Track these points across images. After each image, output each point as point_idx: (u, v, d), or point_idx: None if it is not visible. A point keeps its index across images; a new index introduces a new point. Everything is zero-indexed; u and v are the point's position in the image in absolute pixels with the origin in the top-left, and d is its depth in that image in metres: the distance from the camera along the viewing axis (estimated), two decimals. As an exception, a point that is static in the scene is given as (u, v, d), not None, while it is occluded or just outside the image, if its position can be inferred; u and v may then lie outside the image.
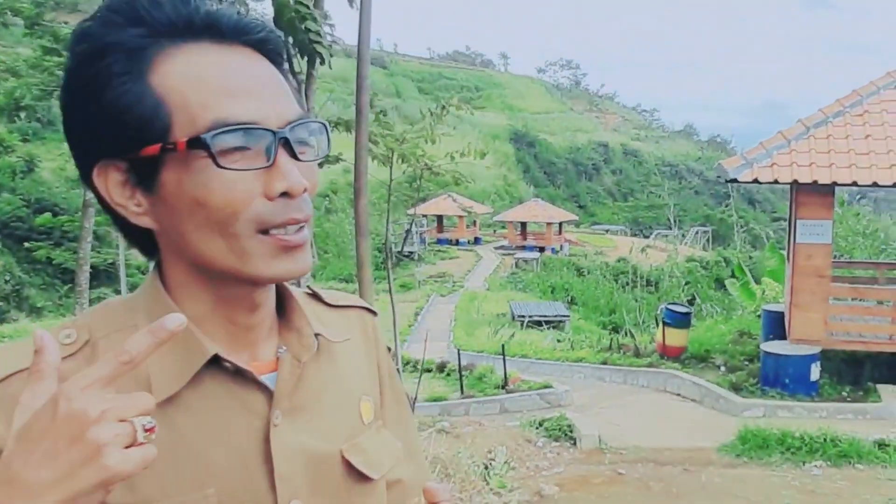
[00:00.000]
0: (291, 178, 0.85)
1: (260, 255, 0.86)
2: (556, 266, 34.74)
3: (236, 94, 0.84)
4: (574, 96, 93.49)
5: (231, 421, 0.89)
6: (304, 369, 0.94)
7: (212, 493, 0.86)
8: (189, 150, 0.82)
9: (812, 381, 9.40)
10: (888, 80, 10.67)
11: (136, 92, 0.83)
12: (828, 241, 9.77)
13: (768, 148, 9.77)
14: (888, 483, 6.96)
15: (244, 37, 0.87)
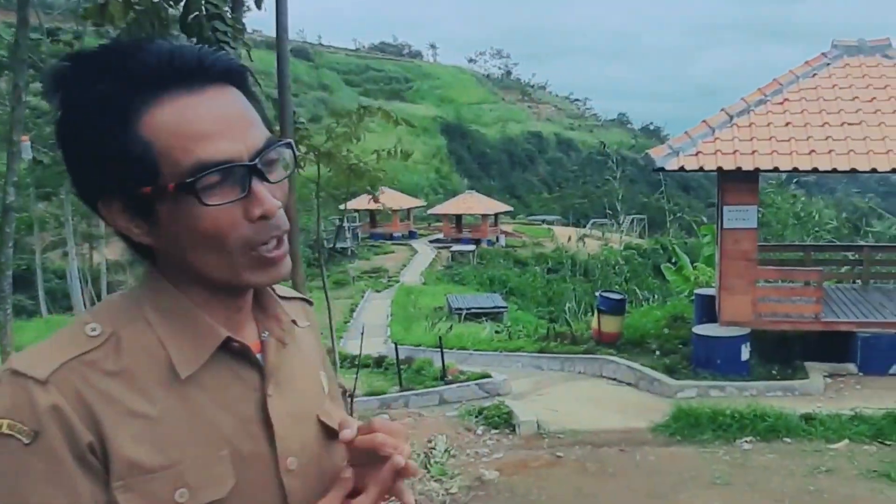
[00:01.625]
0: (266, 203, 1.04)
1: (248, 268, 1.07)
2: (492, 258, 35.22)
3: (211, 137, 1.02)
4: (505, 86, 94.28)
5: (234, 394, 1.09)
6: (285, 349, 1.17)
7: (225, 454, 1.06)
8: (177, 192, 1.01)
9: (742, 361, 9.89)
10: (806, 68, 11.23)
11: (124, 141, 1.01)
12: (753, 225, 10.27)
13: (693, 136, 10.21)
14: (814, 454, 7.41)
15: (210, 76, 1.04)
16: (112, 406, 1.01)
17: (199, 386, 1.07)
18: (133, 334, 1.06)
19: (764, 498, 6.45)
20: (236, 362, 1.10)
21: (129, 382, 1.03)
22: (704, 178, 45.94)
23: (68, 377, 1.00)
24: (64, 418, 0.98)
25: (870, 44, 11.37)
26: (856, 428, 7.85)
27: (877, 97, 10.41)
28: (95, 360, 1.03)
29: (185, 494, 1.02)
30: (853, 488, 6.55)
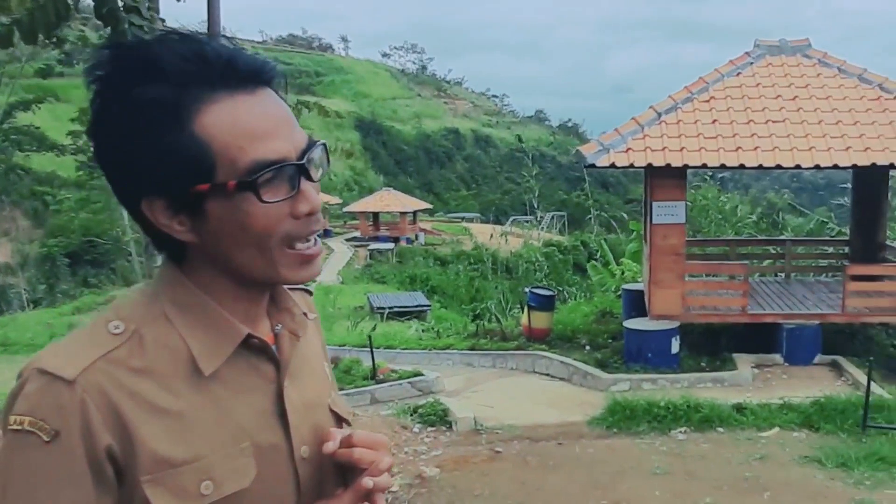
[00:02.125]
0: (314, 201, 1.11)
1: (286, 265, 1.13)
2: (412, 256, 35.31)
3: (265, 137, 1.08)
4: (421, 81, 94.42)
5: (253, 387, 1.16)
6: (297, 342, 1.23)
7: (246, 446, 1.12)
8: (237, 189, 1.07)
9: (673, 354, 10.26)
10: (731, 67, 11.70)
11: (181, 142, 1.06)
12: (682, 220, 10.63)
13: (623, 133, 10.52)
14: (747, 443, 7.79)
15: (259, 80, 1.11)
16: (138, 403, 1.06)
17: (220, 381, 1.12)
18: (155, 331, 1.11)
19: (703, 486, 6.73)
20: (254, 356, 1.16)
21: (154, 379, 1.08)
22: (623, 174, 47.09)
23: (95, 377, 1.04)
24: (87, 420, 1.03)
25: (791, 44, 11.92)
26: (785, 416, 8.28)
27: (798, 96, 10.92)
28: (120, 358, 1.07)
29: (209, 486, 1.08)
30: (787, 473, 6.92)
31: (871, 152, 9.87)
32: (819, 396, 8.51)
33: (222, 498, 1.10)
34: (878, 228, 12.34)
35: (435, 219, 47.20)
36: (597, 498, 6.62)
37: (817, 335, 10.33)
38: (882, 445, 7.33)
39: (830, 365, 10.19)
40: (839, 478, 6.76)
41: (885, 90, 10.86)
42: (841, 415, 8.08)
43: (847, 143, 10.03)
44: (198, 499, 1.08)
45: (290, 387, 1.19)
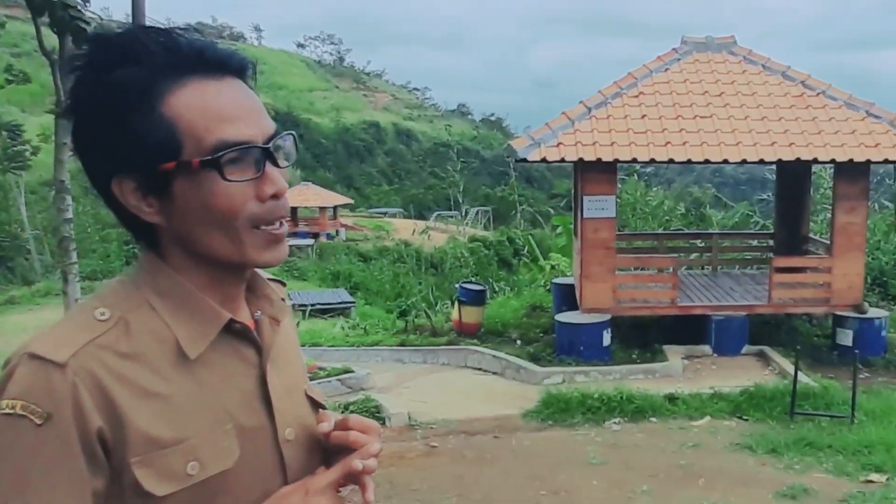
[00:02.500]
0: (278, 184, 1.18)
1: (253, 246, 1.19)
2: (333, 252, 35.14)
3: (231, 120, 1.15)
4: (339, 73, 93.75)
5: (236, 371, 1.22)
6: (276, 328, 1.30)
7: (230, 428, 1.18)
8: (202, 167, 1.13)
9: (604, 346, 10.56)
10: (659, 63, 12.04)
11: (150, 122, 1.13)
12: (612, 215, 10.91)
13: (554, 128, 10.72)
14: (679, 432, 8.09)
15: (226, 67, 1.19)
16: (127, 386, 1.12)
17: (204, 365, 1.18)
18: (140, 318, 1.17)
19: (639, 474, 6.97)
20: (237, 341, 1.23)
21: (142, 363, 1.14)
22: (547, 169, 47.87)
23: (85, 361, 1.10)
24: (78, 402, 1.08)
25: (717, 41, 12.34)
26: (716, 405, 8.63)
27: (725, 92, 11.32)
28: (108, 343, 1.13)
29: (195, 467, 1.15)
30: (719, 460, 7.23)
31: (796, 147, 10.32)
32: (748, 385, 8.89)
33: (208, 478, 1.16)
34: (802, 221, 12.89)
35: (356, 214, 47.04)
36: (535, 489, 6.78)
37: (744, 326, 10.76)
38: (809, 431, 7.72)
39: (758, 355, 10.64)
40: (769, 463, 7.10)
41: (807, 87, 11.35)
42: (769, 403, 8.47)
43: (772, 139, 10.45)
44: (184, 479, 1.14)
45: (272, 371, 1.25)
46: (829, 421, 8.01)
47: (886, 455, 6.96)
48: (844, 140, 10.34)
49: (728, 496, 6.34)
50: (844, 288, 10.61)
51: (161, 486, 1.13)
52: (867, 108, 10.85)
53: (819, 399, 8.50)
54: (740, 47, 12.30)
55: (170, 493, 1.13)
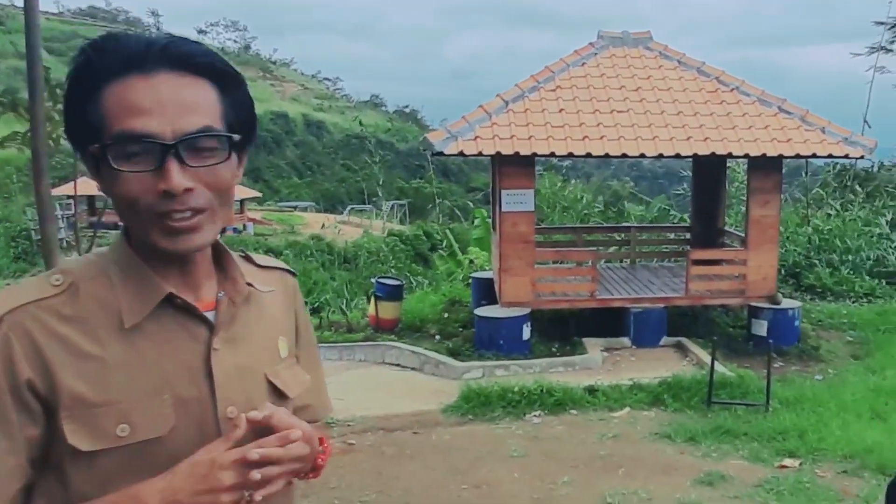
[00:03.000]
0: (171, 181, 1.26)
1: (156, 233, 1.30)
2: (240, 246, 34.68)
3: (139, 113, 1.26)
4: (244, 62, 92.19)
5: (180, 345, 1.34)
6: (237, 309, 1.41)
7: (167, 398, 1.30)
8: (101, 153, 1.28)
9: (524, 340, 10.77)
10: (575, 57, 12.31)
11: (90, 109, 1.28)
12: (531, 208, 11.11)
13: (471, 121, 10.84)
14: (600, 423, 8.35)
15: (166, 63, 1.29)
16: (62, 346, 1.26)
17: (145, 335, 1.31)
18: (92, 286, 1.31)
19: (560, 466, 7.18)
20: (183, 316, 1.35)
21: (82, 327, 1.28)
22: (465, 162, 48.20)
23: (21, 318, 1.25)
24: (9, 353, 1.23)
25: (633, 36, 12.68)
26: (635, 396, 8.93)
27: (641, 87, 11.65)
28: (52, 306, 1.28)
29: (126, 429, 1.27)
30: (639, 450, 7.51)
31: (711, 142, 10.71)
32: (666, 376, 9.22)
33: (139, 442, 1.28)
34: (718, 215, 13.39)
35: (265, 208, 46.42)
36: (457, 483, 6.91)
37: (662, 318, 11.15)
38: (726, 419, 8.07)
39: (675, 346, 11.02)
40: (688, 451, 7.41)
41: (722, 83, 11.79)
42: (687, 392, 8.81)
43: (688, 134, 10.81)
44: (114, 439, 1.26)
45: (223, 349, 1.36)
46: (745, 409, 8.39)
47: (799, 441, 7.36)
48: (757, 135, 10.77)
49: (648, 484, 6.59)
50: (759, 279, 11.09)
51: (87, 443, 1.26)
52: (779, 104, 11.34)
53: (735, 388, 8.89)
54: (656, 43, 12.67)
55: (96, 449, 1.26)
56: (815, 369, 10.25)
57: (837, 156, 11.16)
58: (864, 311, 12.63)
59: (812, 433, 7.48)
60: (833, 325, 12.00)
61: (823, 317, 12.31)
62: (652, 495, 6.35)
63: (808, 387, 9.18)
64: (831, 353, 10.89)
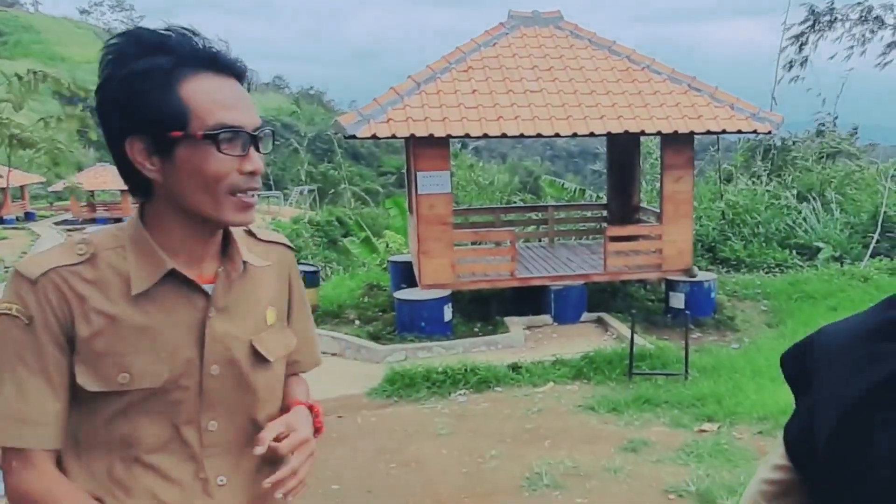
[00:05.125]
0: (257, 163, 1.63)
1: (229, 208, 1.62)
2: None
3: (229, 108, 1.60)
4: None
5: (181, 312, 1.64)
6: (232, 283, 1.71)
7: (163, 355, 1.61)
8: (203, 139, 1.57)
9: (446, 321, 11.13)
10: (487, 37, 12.63)
11: (167, 98, 1.56)
12: (447, 190, 11.39)
13: (383, 104, 11.07)
14: (524, 399, 8.74)
15: (231, 70, 1.64)
16: (83, 303, 1.58)
17: (152, 301, 1.62)
18: (109, 256, 1.62)
19: (487, 440, 7.50)
20: (187, 288, 1.65)
21: (99, 289, 1.59)
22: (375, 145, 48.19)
23: (53, 279, 1.57)
24: (46, 310, 1.56)
25: (543, 15, 13.09)
26: (558, 371, 9.37)
27: (553, 66, 12.07)
28: (77, 271, 1.59)
29: (126, 378, 1.59)
30: (564, 422, 7.92)
31: (624, 120, 11.20)
32: (588, 351, 9.70)
33: (136, 390, 1.59)
34: (633, 192, 13.97)
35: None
36: (385, 462, 7.15)
37: (582, 294, 11.65)
38: (647, 389, 8.57)
39: (596, 321, 11.55)
40: (611, 421, 7.87)
41: (632, 62, 12.32)
42: (609, 365, 9.31)
43: (601, 112, 11.27)
44: (115, 384, 1.58)
45: (217, 318, 1.67)
46: (665, 379, 8.93)
47: (717, 406, 7.90)
48: (669, 112, 11.33)
49: (574, 453, 6.98)
50: (675, 254, 11.69)
51: (91, 384, 1.58)
52: (689, 82, 11.93)
53: (655, 359, 9.43)
54: (567, 22, 13.10)
55: (98, 391, 1.58)
56: (731, 338, 10.92)
57: (746, 131, 11.80)
58: (777, 282, 13.45)
59: (729, 398, 8.03)
60: (747, 296, 12.75)
61: (738, 288, 13.06)
62: (578, 463, 6.72)
63: (725, 355, 9.79)
64: (746, 323, 11.60)
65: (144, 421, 1.62)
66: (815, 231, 16.02)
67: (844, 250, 15.28)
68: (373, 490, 6.47)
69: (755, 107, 11.73)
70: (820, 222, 16.34)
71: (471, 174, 20.02)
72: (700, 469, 6.36)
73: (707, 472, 6.28)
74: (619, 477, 6.41)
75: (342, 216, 23.94)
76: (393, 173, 43.06)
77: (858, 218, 16.44)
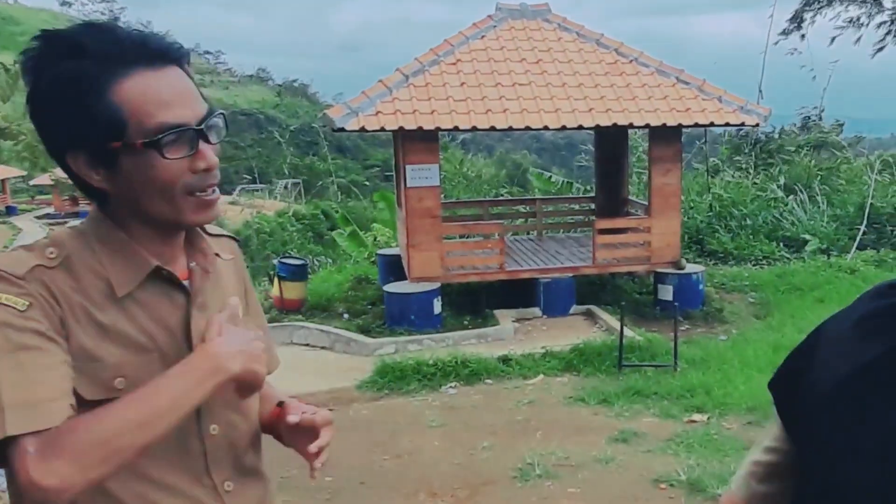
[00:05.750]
0: (210, 159, 1.52)
1: (189, 209, 1.53)
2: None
3: (170, 105, 1.47)
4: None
5: (164, 311, 1.58)
6: (207, 278, 1.65)
7: (155, 355, 1.54)
8: (144, 147, 1.46)
9: (436, 314, 11.22)
10: (475, 30, 12.68)
11: (100, 106, 1.43)
12: (436, 183, 11.47)
13: (371, 96, 11.11)
14: (515, 391, 8.86)
15: (165, 58, 1.49)
16: (72, 305, 1.47)
17: (136, 303, 1.54)
18: (82, 258, 1.51)
19: (479, 432, 7.61)
20: (167, 286, 1.59)
21: (83, 294, 1.49)
22: (361, 138, 48.17)
23: (39, 276, 1.46)
24: (40, 301, 1.44)
25: (531, 8, 13.15)
26: (548, 363, 9.50)
27: (542, 59, 12.16)
28: (55, 276, 1.48)
29: (122, 382, 1.49)
30: (555, 414, 8.05)
31: (612, 113, 11.31)
32: (577, 343, 9.84)
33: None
34: (621, 185, 14.11)
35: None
36: (378, 455, 7.24)
37: (571, 287, 11.77)
38: (636, 381, 8.71)
39: (585, 314, 11.69)
40: (602, 412, 8.00)
41: (620, 55, 12.43)
42: (598, 357, 9.45)
43: (590, 105, 11.38)
44: (112, 390, 1.48)
45: (198, 314, 1.61)
46: (654, 371, 9.07)
47: (706, 397, 8.04)
48: (657, 105, 11.45)
49: (565, 444, 7.09)
50: (663, 246, 11.82)
51: (90, 391, 1.46)
52: (677, 75, 12.05)
53: (644, 351, 9.58)
54: (555, 15, 13.18)
55: (97, 398, 1.45)
56: (720, 330, 11.08)
57: (734, 124, 11.96)
58: (764, 274, 13.62)
59: (718, 389, 8.18)
60: (735, 288, 12.91)
61: (726, 280, 13.22)
62: (569, 454, 6.84)
63: (713, 347, 9.95)
64: (734, 315, 11.76)
65: None
66: (802, 223, 16.21)
67: (831, 242, 15.48)
68: (366, 482, 6.54)
69: (743, 99, 11.87)
70: (807, 214, 16.53)
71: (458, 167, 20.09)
72: (690, 459, 6.49)
73: (697, 461, 6.41)
74: (610, 467, 6.53)
75: (328, 209, 23.95)
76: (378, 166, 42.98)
77: (845, 210, 16.66)
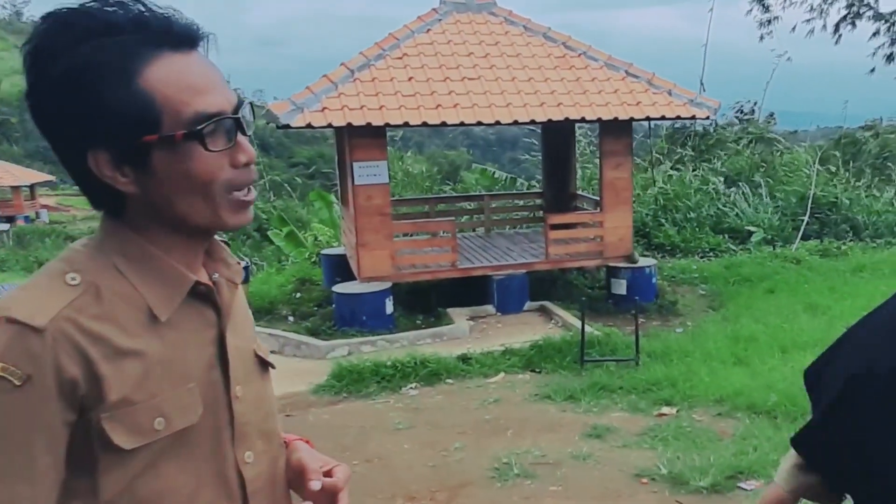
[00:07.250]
0: (250, 152, 1.37)
1: (227, 210, 1.37)
2: (37, 237, 33.31)
3: (203, 92, 1.32)
4: (17, 31, 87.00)
5: (199, 331, 1.41)
6: (231, 290, 1.49)
7: (192, 386, 1.37)
8: (185, 139, 1.30)
9: (388, 314, 11.19)
10: (420, 24, 12.65)
11: (127, 96, 1.27)
12: (385, 180, 11.41)
13: (316, 92, 11.00)
14: (477, 390, 8.91)
15: (190, 41, 1.34)
16: (102, 346, 1.28)
17: (171, 326, 1.36)
18: (108, 282, 1.33)
19: (448, 433, 7.64)
20: (199, 303, 1.41)
21: (114, 325, 1.30)
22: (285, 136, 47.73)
23: (62, 325, 1.25)
24: (58, 363, 1.24)
25: (477, 1, 13.25)
26: (508, 361, 9.59)
27: (490, 53, 12.22)
28: (82, 307, 1.28)
29: (162, 423, 1.32)
30: (523, 412, 8.13)
31: (563, 107, 11.43)
32: (536, 340, 9.94)
33: (173, 433, 1.34)
34: (569, 179, 14.30)
35: (60, 192, 44.50)
36: (347, 459, 7.14)
37: (524, 284, 11.89)
38: (600, 376, 8.85)
39: (539, 310, 11.81)
40: (570, 409, 8.12)
41: (569, 48, 12.59)
42: (559, 354, 9.56)
43: (541, 100, 11.46)
44: (152, 433, 1.31)
45: (229, 331, 1.45)
46: (617, 365, 9.23)
47: (673, 390, 8.23)
48: (608, 99, 11.62)
49: (538, 442, 7.20)
50: (616, 240, 12.03)
51: (129, 441, 1.30)
52: (626, 69, 12.26)
53: (604, 346, 9.73)
54: (500, 8, 13.24)
55: (136, 446, 1.30)
56: (675, 322, 11.33)
57: (685, 117, 12.20)
58: (713, 266, 13.99)
59: (683, 382, 8.37)
60: (686, 280, 13.22)
61: (676, 273, 13.53)
62: (545, 451, 6.96)
63: (672, 339, 10.16)
64: (688, 307, 12.04)
65: (173, 470, 1.36)
66: (746, 215, 16.67)
67: (776, 233, 15.98)
68: (340, 487, 6.53)
69: (693, 92, 12.16)
70: (750, 206, 17.00)
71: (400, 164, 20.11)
72: (668, 452, 6.66)
73: (675, 454, 6.58)
74: (588, 463, 6.66)
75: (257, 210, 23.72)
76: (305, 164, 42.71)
77: (788, 201, 17.19)
